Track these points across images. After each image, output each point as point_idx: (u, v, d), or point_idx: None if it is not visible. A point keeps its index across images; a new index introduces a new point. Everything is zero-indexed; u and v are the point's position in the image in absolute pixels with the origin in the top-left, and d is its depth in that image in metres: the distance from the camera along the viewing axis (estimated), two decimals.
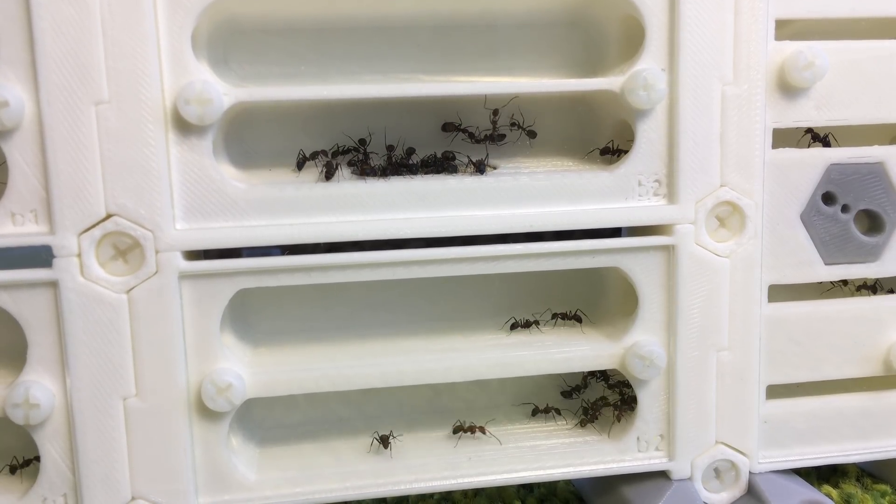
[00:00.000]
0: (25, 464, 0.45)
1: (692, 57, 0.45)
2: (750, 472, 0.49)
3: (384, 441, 0.48)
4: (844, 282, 0.53)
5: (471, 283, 0.51)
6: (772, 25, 0.46)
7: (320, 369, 0.46)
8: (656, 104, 0.45)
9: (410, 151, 0.48)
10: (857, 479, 0.54)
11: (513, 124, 0.49)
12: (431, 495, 0.52)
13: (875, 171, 0.49)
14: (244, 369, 0.45)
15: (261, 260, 0.43)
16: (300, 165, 0.46)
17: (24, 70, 0.40)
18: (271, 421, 0.50)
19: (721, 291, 0.47)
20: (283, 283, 0.44)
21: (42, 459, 0.43)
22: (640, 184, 0.46)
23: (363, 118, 0.48)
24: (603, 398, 0.51)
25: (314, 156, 0.46)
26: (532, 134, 0.49)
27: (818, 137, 0.50)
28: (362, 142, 0.47)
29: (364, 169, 0.46)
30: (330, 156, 0.46)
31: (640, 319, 0.47)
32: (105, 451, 0.42)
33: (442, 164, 0.47)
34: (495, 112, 0.48)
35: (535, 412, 0.51)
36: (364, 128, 0.48)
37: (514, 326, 0.50)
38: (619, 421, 0.49)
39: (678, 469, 0.48)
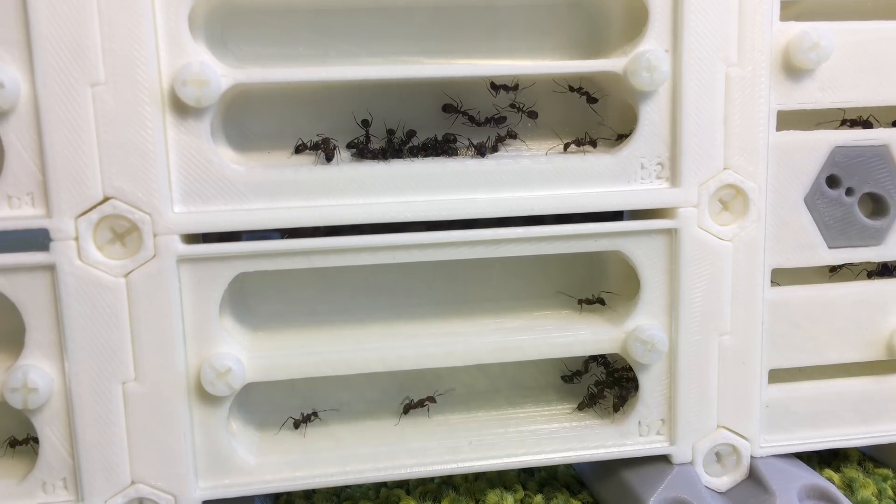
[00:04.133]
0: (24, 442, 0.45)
1: (696, 38, 0.44)
2: (751, 457, 0.49)
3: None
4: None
5: (471, 267, 0.51)
6: (777, 6, 0.46)
7: (320, 353, 0.46)
8: (659, 86, 0.45)
9: (411, 134, 0.47)
10: (859, 464, 0.54)
11: (511, 105, 0.48)
12: (432, 479, 0.52)
13: (880, 154, 0.48)
14: (243, 353, 0.44)
15: (260, 244, 0.43)
16: (298, 151, 0.46)
17: (20, 51, 0.39)
18: (271, 405, 0.50)
19: (724, 275, 0.47)
20: (283, 267, 0.44)
21: (41, 444, 0.42)
22: (642, 167, 0.46)
23: (362, 100, 0.48)
24: (603, 382, 0.51)
25: (316, 147, 0.46)
26: (533, 115, 0.48)
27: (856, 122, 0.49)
28: (365, 123, 0.47)
29: (364, 151, 0.46)
30: (330, 142, 0.46)
31: (641, 303, 0.47)
32: (104, 436, 0.42)
33: (442, 147, 0.47)
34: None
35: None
36: (363, 110, 0.47)
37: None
38: (615, 410, 0.49)
39: (679, 453, 0.48)
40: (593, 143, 0.48)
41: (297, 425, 0.48)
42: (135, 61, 0.40)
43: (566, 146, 0.48)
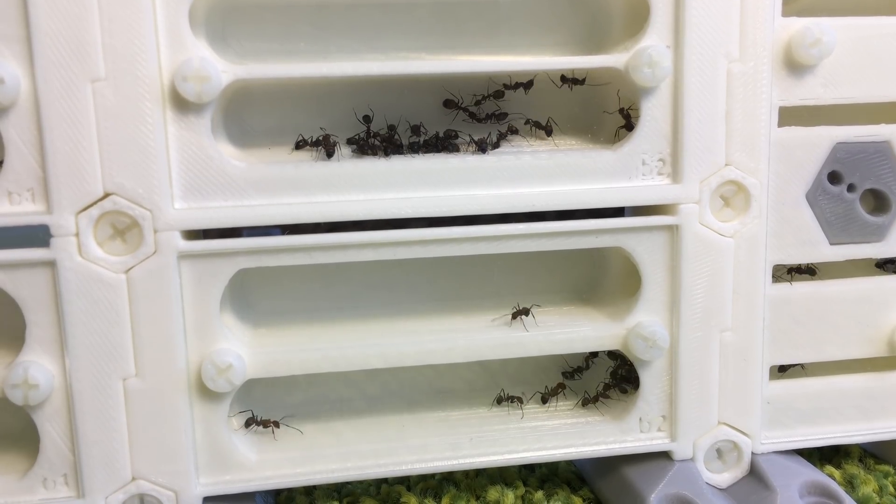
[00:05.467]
0: None
1: (698, 34, 0.44)
2: (752, 453, 0.49)
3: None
4: None
5: (473, 263, 0.51)
6: (779, 1, 0.45)
7: (321, 350, 0.45)
8: (661, 82, 0.44)
9: (416, 130, 0.47)
10: (860, 460, 0.54)
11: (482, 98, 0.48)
12: (433, 476, 0.52)
13: (881, 150, 0.48)
14: (244, 350, 0.44)
15: (261, 240, 0.43)
16: (298, 147, 0.46)
17: (20, 46, 0.39)
18: (272, 401, 0.50)
19: (725, 272, 0.47)
20: (284, 263, 0.44)
21: (42, 440, 0.42)
22: (643, 163, 0.46)
23: (363, 96, 0.47)
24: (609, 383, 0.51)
25: (316, 143, 0.46)
26: (499, 94, 0.48)
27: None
28: (367, 118, 0.47)
29: (365, 147, 0.46)
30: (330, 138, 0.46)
31: (643, 300, 0.47)
32: (105, 432, 0.42)
33: (443, 143, 0.47)
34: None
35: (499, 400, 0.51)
36: (364, 106, 0.47)
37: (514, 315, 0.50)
38: (623, 393, 0.49)
39: (680, 450, 0.48)
40: (549, 132, 0.48)
41: (248, 425, 0.47)
42: (135, 57, 0.40)
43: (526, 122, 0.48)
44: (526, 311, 0.48)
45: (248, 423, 0.47)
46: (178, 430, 0.43)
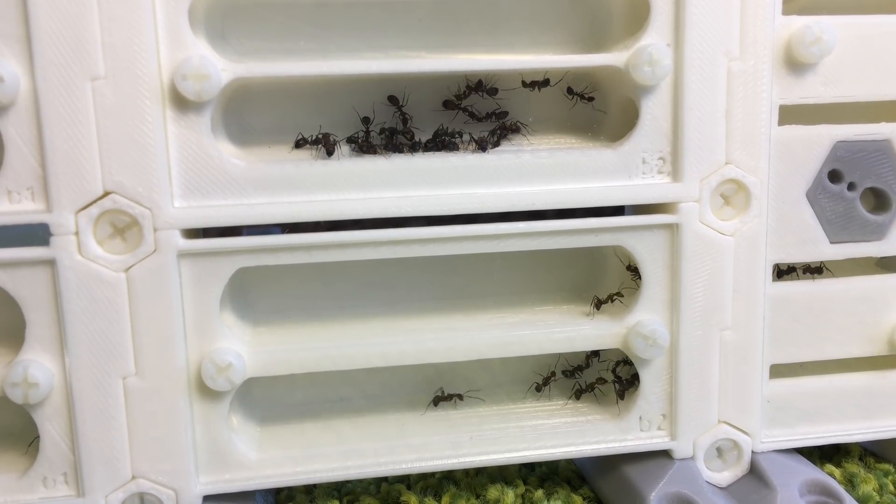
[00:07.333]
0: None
1: (698, 32, 0.44)
2: (752, 452, 0.49)
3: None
4: None
5: (473, 262, 0.51)
6: (779, 0, 0.45)
7: (321, 348, 0.45)
8: (661, 80, 0.44)
9: (453, 136, 0.47)
10: (860, 459, 0.54)
11: (468, 88, 0.48)
12: (433, 474, 0.52)
13: (882, 149, 0.48)
14: (244, 348, 0.44)
15: (261, 238, 0.43)
16: (298, 145, 0.46)
17: (19, 45, 0.39)
18: (272, 400, 0.50)
19: (725, 270, 0.47)
20: (284, 262, 0.44)
21: (42, 439, 0.42)
22: (644, 161, 0.46)
23: (363, 94, 0.47)
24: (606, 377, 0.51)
25: (316, 141, 0.45)
26: (493, 91, 0.48)
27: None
28: (366, 120, 0.47)
29: (365, 147, 0.46)
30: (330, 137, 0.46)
31: (643, 298, 0.47)
32: (105, 431, 0.42)
33: (443, 142, 0.47)
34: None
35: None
36: (364, 104, 0.47)
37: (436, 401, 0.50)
38: (621, 398, 0.49)
39: (680, 448, 0.48)
40: (516, 129, 0.48)
41: (436, 402, 0.50)
42: (135, 56, 0.40)
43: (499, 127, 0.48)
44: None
45: (436, 401, 0.49)
46: (178, 428, 0.43)
